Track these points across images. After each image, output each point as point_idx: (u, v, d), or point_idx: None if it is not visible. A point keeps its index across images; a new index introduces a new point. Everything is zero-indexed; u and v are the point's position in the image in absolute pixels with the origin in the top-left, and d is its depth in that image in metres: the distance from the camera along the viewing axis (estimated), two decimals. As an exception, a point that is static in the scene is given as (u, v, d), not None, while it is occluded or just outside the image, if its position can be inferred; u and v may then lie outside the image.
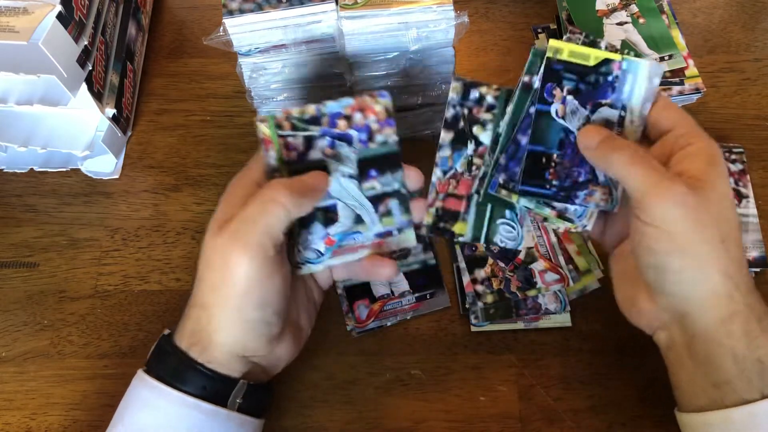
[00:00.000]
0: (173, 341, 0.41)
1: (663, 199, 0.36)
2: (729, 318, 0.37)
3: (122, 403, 0.41)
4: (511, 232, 0.45)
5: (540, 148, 0.41)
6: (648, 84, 0.40)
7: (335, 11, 0.46)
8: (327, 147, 0.41)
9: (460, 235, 0.45)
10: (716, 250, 0.37)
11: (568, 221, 0.42)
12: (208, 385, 0.39)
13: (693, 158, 0.38)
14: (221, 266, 0.38)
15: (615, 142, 0.38)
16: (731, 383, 0.36)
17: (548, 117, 0.40)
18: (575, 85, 0.40)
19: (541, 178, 0.41)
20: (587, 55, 0.40)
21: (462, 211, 0.45)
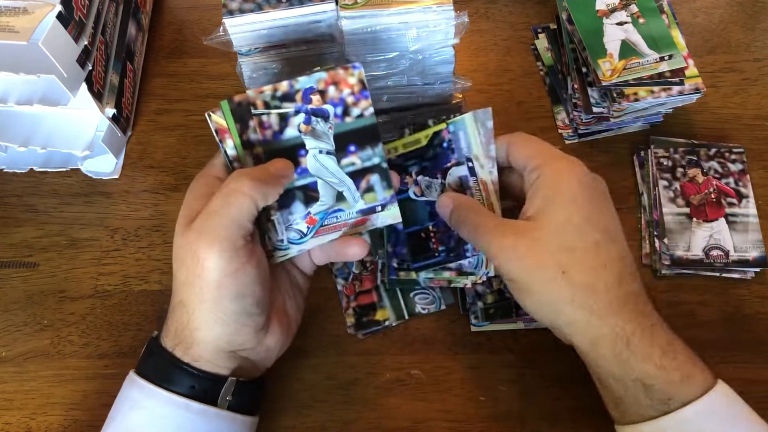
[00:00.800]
0: (160, 342, 0.41)
1: (499, 259, 0.39)
2: (596, 342, 0.38)
3: (114, 404, 0.41)
4: (427, 298, 0.51)
5: (415, 227, 0.46)
6: (481, 130, 0.43)
7: (335, 11, 0.46)
8: (302, 123, 0.41)
9: (385, 320, 0.50)
10: (559, 284, 0.38)
11: (470, 275, 0.45)
12: (196, 384, 0.39)
13: (535, 194, 0.40)
14: (192, 262, 0.38)
15: (461, 212, 0.42)
16: (623, 402, 0.39)
17: (410, 200, 0.45)
18: (419, 165, 0.45)
19: (427, 251, 0.45)
20: (417, 138, 0.45)
21: (376, 301, 0.51)
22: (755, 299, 0.51)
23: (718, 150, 0.55)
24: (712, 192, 0.53)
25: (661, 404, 0.37)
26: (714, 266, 0.51)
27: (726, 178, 0.54)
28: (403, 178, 0.45)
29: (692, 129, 0.58)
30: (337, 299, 0.51)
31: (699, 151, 0.55)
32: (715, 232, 0.52)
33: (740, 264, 0.51)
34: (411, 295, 0.51)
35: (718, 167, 0.54)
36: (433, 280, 0.47)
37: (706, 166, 0.54)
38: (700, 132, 0.58)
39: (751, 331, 0.50)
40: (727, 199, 0.53)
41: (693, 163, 0.55)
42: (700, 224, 0.52)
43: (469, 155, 0.43)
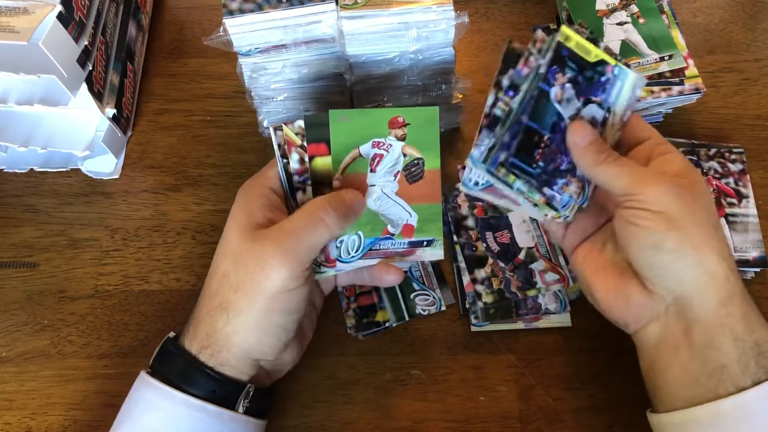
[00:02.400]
0: (180, 343, 0.41)
1: (655, 186, 0.38)
2: (728, 299, 0.37)
3: (125, 404, 0.41)
4: (427, 299, 0.51)
5: (535, 125, 0.42)
6: (632, 93, 0.42)
7: (335, 11, 0.46)
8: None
9: (385, 321, 0.50)
10: (709, 233, 0.38)
11: (553, 209, 0.43)
12: (217, 389, 0.40)
13: (672, 162, 0.40)
14: (256, 269, 0.39)
15: (600, 146, 0.40)
16: (728, 368, 0.36)
17: (547, 98, 0.42)
18: (575, 75, 0.42)
19: (530, 156, 0.42)
20: (589, 50, 0.42)
21: (376, 303, 0.51)
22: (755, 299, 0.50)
23: (718, 150, 0.55)
24: (712, 192, 0.53)
25: (763, 372, 0.36)
26: (714, 266, 0.51)
27: (726, 178, 0.54)
28: (556, 71, 0.41)
29: (692, 129, 0.58)
30: (337, 299, 0.51)
31: (699, 151, 0.55)
32: (715, 232, 0.52)
33: (740, 264, 0.51)
34: (411, 296, 0.51)
35: (718, 167, 0.54)
36: (523, 195, 0.43)
37: (706, 166, 0.54)
38: (700, 132, 0.58)
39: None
40: (727, 199, 0.53)
41: (693, 163, 0.55)
42: (700, 224, 0.52)
43: (611, 106, 0.42)
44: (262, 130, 0.57)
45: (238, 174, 0.58)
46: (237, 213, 0.41)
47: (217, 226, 0.55)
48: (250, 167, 0.58)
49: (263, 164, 0.57)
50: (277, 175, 0.43)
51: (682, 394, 0.38)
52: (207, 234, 0.55)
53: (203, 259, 0.54)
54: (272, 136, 0.43)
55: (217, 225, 0.55)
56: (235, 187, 0.56)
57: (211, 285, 0.41)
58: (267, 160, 0.57)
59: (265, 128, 0.56)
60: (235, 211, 0.42)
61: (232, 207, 0.42)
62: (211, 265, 0.42)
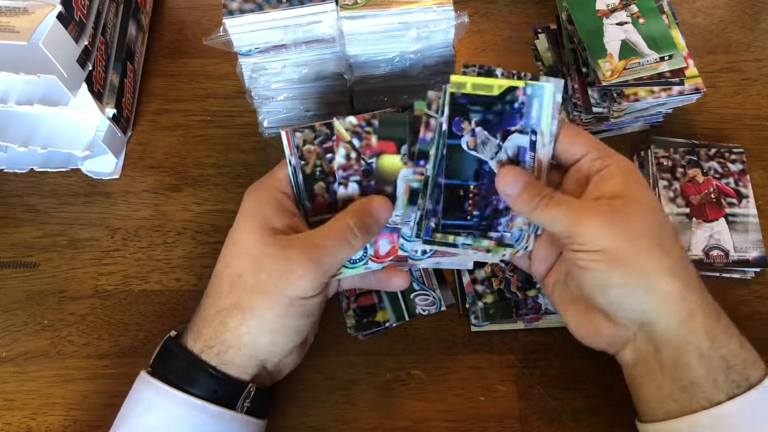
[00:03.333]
0: (182, 342, 0.41)
1: (589, 225, 0.37)
2: (688, 317, 0.37)
3: (125, 404, 0.41)
4: (427, 299, 0.51)
5: (456, 181, 0.41)
6: (554, 103, 0.41)
7: (335, 11, 0.46)
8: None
9: (385, 321, 0.50)
10: (654, 255, 0.37)
11: (509, 247, 0.43)
12: (219, 389, 0.40)
13: (609, 179, 0.39)
14: (279, 274, 0.39)
15: (533, 189, 0.39)
16: (698, 384, 0.37)
17: (460, 150, 0.41)
18: (483, 116, 0.41)
19: (460, 210, 0.42)
20: (491, 85, 0.41)
21: (376, 303, 0.51)
22: (755, 299, 0.51)
23: (718, 150, 0.55)
24: (712, 192, 0.53)
25: (734, 387, 0.36)
26: (714, 266, 0.51)
27: (726, 178, 0.54)
28: (460, 121, 0.41)
29: (692, 129, 0.58)
30: (337, 299, 0.51)
31: (699, 151, 0.55)
32: (715, 232, 0.52)
33: (740, 264, 0.51)
34: (411, 296, 0.51)
35: (718, 167, 0.54)
36: (471, 247, 0.43)
37: (706, 166, 0.54)
38: (700, 132, 0.58)
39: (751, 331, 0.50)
40: (727, 200, 0.53)
41: (693, 163, 0.55)
42: (700, 224, 0.52)
43: (535, 128, 0.41)
44: (262, 130, 0.57)
45: (238, 174, 0.58)
46: (251, 215, 0.41)
47: (217, 226, 0.55)
48: (250, 167, 0.58)
49: (263, 164, 0.58)
50: (287, 178, 0.43)
51: (659, 408, 0.39)
52: (207, 234, 0.55)
53: (203, 259, 0.54)
54: (288, 138, 0.42)
55: (217, 225, 0.55)
56: (235, 187, 0.57)
57: (221, 285, 0.41)
58: (267, 160, 0.58)
59: (268, 129, 0.56)
60: (247, 213, 0.41)
61: (243, 208, 0.42)
62: (218, 263, 0.42)
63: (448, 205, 0.42)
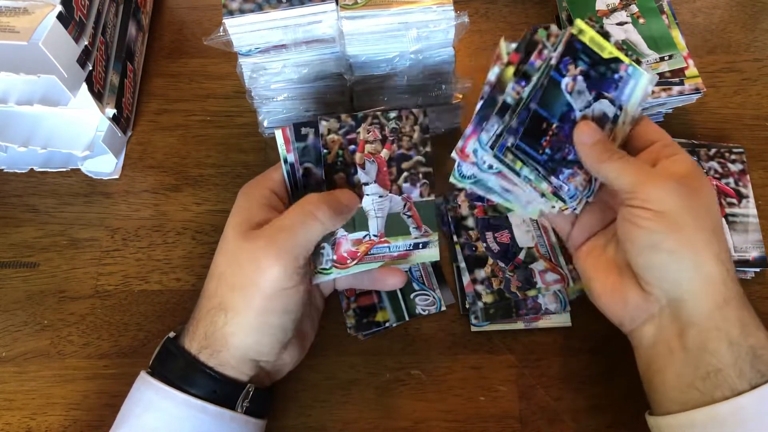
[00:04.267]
0: (180, 343, 0.41)
1: (658, 186, 0.38)
2: (724, 303, 0.37)
3: (125, 405, 0.41)
4: (427, 299, 0.51)
5: (544, 112, 0.42)
6: (644, 92, 0.42)
7: (335, 11, 0.46)
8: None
9: (385, 321, 0.50)
10: (709, 236, 0.38)
11: (560, 200, 0.43)
12: (217, 389, 0.40)
13: (679, 164, 0.39)
14: (251, 268, 0.39)
15: (607, 145, 0.40)
16: (723, 372, 0.36)
17: (558, 87, 0.42)
18: (587, 68, 0.42)
19: (537, 141, 0.42)
20: (603, 46, 0.42)
21: (376, 303, 0.51)
22: (755, 299, 0.51)
23: (718, 150, 0.55)
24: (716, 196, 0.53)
25: (759, 377, 0.36)
26: (714, 266, 0.51)
27: (726, 178, 0.54)
28: (568, 62, 0.41)
29: (692, 129, 0.58)
30: (337, 299, 0.51)
31: (699, 151, 0.55)
32: (715, 232, 0.52)
33: (740, 264, 0.51)
34: (411, 296, 0.51)
35: (718, 167, 0.54)
36: (530, 183, 0.43)
37: (706, 166, 0.54)
38: (700, 132, 0.58)
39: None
40: (727, 199, 0.53)
41: (693, 163, 0.55)
42: (700, 224, 0.52)
43: (623, 104, 0.42)
44: (262, 130, 0.57)
45: (238, 174, 0.58)
46: (236, 213, 0.42)
47: (217, 226, 0.55)
48: (250, 167, 0.58)
49: (263, 164, 0.58)
50: (281, 178, 0.43)
51: (677, 398, 0.38)
52: (207, 234, 0.55)
53: (203, 259, 0.54)
54: (284, 135, 0.43)
55: (217, 225, 0.55)
56: (235, 187, 0.57)
57: (210, 285, 0.41)
58: (267, 160, 0.58)
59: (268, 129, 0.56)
60: (234, 211, 0.42)
61: (233, 207, 0.42)
62: (211, 264, 0.42)
63: (528, 131, 0.42)
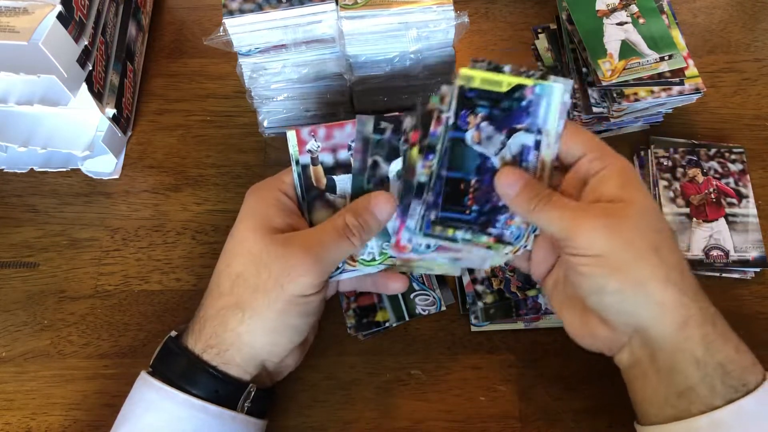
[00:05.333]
0: (182, 343, 0.41)
1: (586, 229, 0.37)
2: (684, 323, 0.37)
3: (126, 404, 0.41)
4: (427, 299, 0.51)
5: (458, 174, 0.41)
6: (562, 104, 0.40)
7: (335, 11, 0.46)
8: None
9: (385, 321, 0.50)
10: (650, 262, 0.37)
11: (508, 245, 0.42)
12: (220, 389, 0.40)
13: (607, 181, 0.38)
14: (280, 272, 0.39)
15: (532, 190, 0.39)
16: (695, 390, 0.37)
17: (464, 144, 0.41)
18: (489, 111, 0.41)
19: (459, 204, 0.42)
20: (499, 81, 0.40)
21: (376, 303, 0.51)
22: (755, 299, 0.51)
23: (718, 150, 0.55)
24: (712, 192, 0.53)
25: (732, 392, 0.36)
26: (714, 266, 0.51)
27: (726, 178, 0.54)
28: (466, 114, 0.40)
29: (692, 129, 0.58)
30: (337, 299, 0.51)
31: (699, 151, 0.55)
32: (715, 232, 0.52)
33: (740, 264, 0.51)
34: (411, 296, 0.51)
35: (718, 167, 0.54)
36: (471, 242, 0.42)
37: (706, 166, 0.54)
38: (700, 132, 0.58)
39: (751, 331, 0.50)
40: (727, 199, 0.53)
41: (693, 163, 0.55)
42: (700, 224, 0.52)
43: (541, 127, 0.41)
44: (262, 130, 0.57)
45: (238, 174, 0.58)
46: (251, 214, 0.41)
47: (217, 226, 0.55)
48: (250, 167, 0.58)
49: (263, 164, 0.58)
50: (292, 182, 0.43)
51: (657, 413, 0.39)
52: (207, 234, 0.55)
53: (203, 259, 0.54)
54: (298, 136, 0.42)
55: (217, 225, 0.55)
56: (235, 187, 0.57)
57: (222, 284, 0.41)
58: (267, 160, 0.58)
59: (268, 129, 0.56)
60: (247, 212, 0.41)
61: (243, 208, 0.42)
62: (218, 263, 0.42)
63: (447, 198, 0.41)
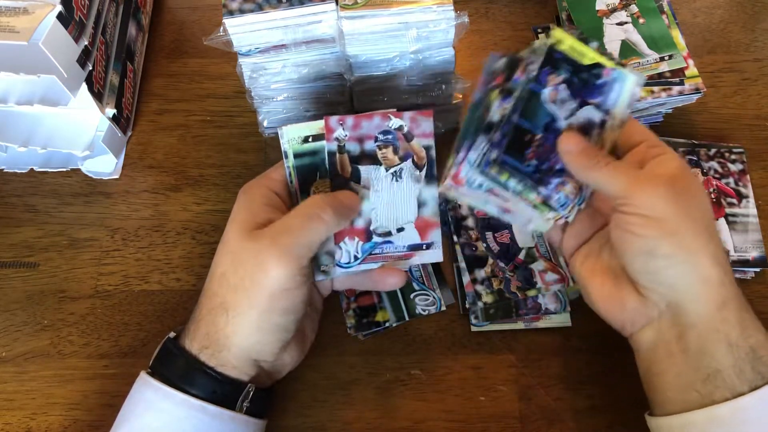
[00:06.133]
0: (181, 344, 0.41)
1: (649, 190, 0.37)
2: (723, 304, 0.37)
3: (125, 405, 0.41)
4: (427, 299, 0.51)
5: (526, 124, 0.41)
6: (632, 94, 0.41)
7: (335, 11, 0.46)
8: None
9: (385, 321, 0.50)
10: (704, 237, 0.37)
11: (552, 210, 0.42)
12: (218, 389, 0.40)
13: (667, 164, 0.39)
14: (254, 268, 0.39)
15: (592, 152, 0.40)
16: (723, 374, 0.36)
17: (539, 99, 0.41)
18: (569, 76, 0.41)
19: (521, 153, 0.42)
20: (584, 53, 0.41)
21: (376, 303, 0.51)
22: (755, 299, 0.51)
23: (718, 150, 0.55)
24: (712, 192, 0.53)
25: (759, 378, 0.36)
26: (714, 266, 0.51)
27: (726, 178, 0.54)
28: (548, 72, 0.41)
29: (692, 129, 0.58)
30: (337, 299, 0.51)
31: (699, 151, 0.55)
32: (715, 232, 0.52)
33: (740, 264, 0.51)
34: (411, 296, 0.51)
35: (718, 167, 0.54)
36: (520, 195, 0.42)
37: (706, 166, 0.54)
38: (700, 132, 0.58)
39: (751, 331, 0.50)
40: (727, 199, 0.53)
41: (693, 163, 0.55)
42: (700, 224, 0.52)
43: (610, 109, 0.41)
44: (262, 130, 0.57)
45: (238, 174, 0.58)
46: (237, 213, 0.42)
47: (217, 226, 0.55)
48: (250, 167, 0.58)
49: (263, 164, 0.58)
50: (283, 178, 0.43)
51: (677, 399, 0.38)
52: (207, 234, 0.55)
53: (203, 259, 0.54)
54: (281, 134, 0.43)
55: (217, 225, 0.55)
56: (235, 187, 0.57)
57: (212, 285, 0.41)
58: (267, 160, 0.58)
59: (268, 129, 0.56)
60: (235, 211, 0.42)
61: (234, 208, 0.42)
62: (211, 264, 0.42)
63: (511, 144, 0.41)
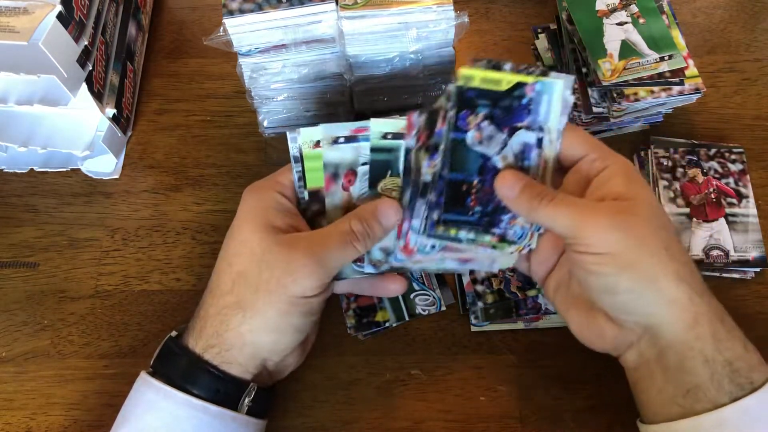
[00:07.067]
0: (183, 343, 0.41)
1: (594, 227, 0.36)
2: (694, 321, 0.37)
3: (126, 405, 0.41)
4: (427, 299, 0.51)
5: (459, 176, 0.41)
6: (564, 100, 0.40)
7: (335, 11, 0.46)
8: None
9: (385, 321, 0.50)
10: (662, 259, 0.36)
11: (511, 243, 0.42)
12: (221, 388, 0.40)
13: (611, 179, 0.38)
14: (282, 274, 0.39)
15: (533, 190, 0.39)
16: (702, 387, 0.36)
17: (464, 145, 0.41)
18: (489, 110, 0.40)
19: (462, 205, 0.41)
20: (499, 80, 0.40)
21: (376, 303, 0.51)
22: (755, 299, 0.51)
23: (718, 150, 0.55)
24: (712, 192, 0.53)
25: (738, 390, 0.36)
26: (714, 266, 0.51)
27: (726, 178, 0.54)
28: (466, 115, 0.40)
29: (692, 129, 0.58)
30: (337, 299, 0.51)
31: (699, 151, 0.55)
32: (715, 232, 0.52)
33: (740, 264, 0.51)
34: (411, 296, 0.51)
35: (718, 167, 0.54)
36: (474, 242, 0.42)
37: (706, 166, 0.54)
38: (700, 132, 0.58)
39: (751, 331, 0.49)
40: (727, 199, 0.53)
41: (693, 163, 0.55)
42: (700, 224, 0.52)
43: (543, 125, 0.40)
44: (263, 130, 0.57)
45: (238, 174, 0.58)
46: (251, 214, 0.41)
47: (217, 226, 0.55)
48: (250, 167, 0.58)
49: (263, 164, 0.58)
50: (291, 183, 0.43)
51: (661, 412, 0.38)
52: (207, 234, 0.55)
53: (203, 259, 0.54)
54: (290, 142, 0.42)
55: (217, 225, 0.55)
56: (235, 187, 0.57)
57: (223, 283, 0.41)
58: (267, 160, 0.58)
59: (268, 129, 0.56)
60: (248, 212, 0.41)
61: (242, 207, 0.42)
62: (218, 262, 0.42)
63: (450, 200, 0.41)
